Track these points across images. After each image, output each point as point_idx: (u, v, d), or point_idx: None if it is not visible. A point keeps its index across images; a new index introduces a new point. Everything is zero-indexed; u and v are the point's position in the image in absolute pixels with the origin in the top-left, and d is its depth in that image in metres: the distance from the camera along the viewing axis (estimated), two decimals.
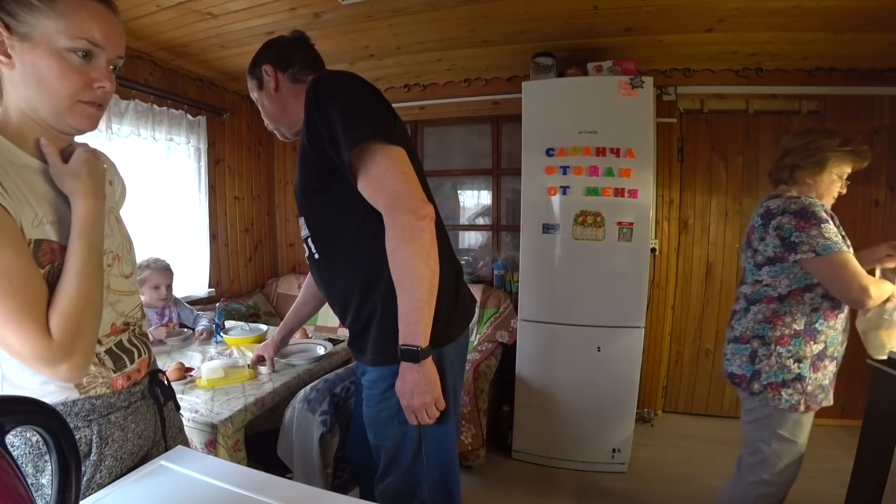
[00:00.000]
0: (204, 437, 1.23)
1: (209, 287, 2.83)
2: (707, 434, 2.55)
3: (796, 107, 2.53)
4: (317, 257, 1.02)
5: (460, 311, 1.02)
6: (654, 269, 2.71)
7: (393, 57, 2.49)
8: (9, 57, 0.61)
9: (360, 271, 0.95)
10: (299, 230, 1.08)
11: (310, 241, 1.02)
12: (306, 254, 1.06)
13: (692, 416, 2.78)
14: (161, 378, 0.86)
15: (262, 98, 1.10)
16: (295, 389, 1.49)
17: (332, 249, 0.99)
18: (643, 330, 2.14)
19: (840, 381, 1.41)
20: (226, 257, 3.04)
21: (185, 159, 2.63)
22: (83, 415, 0.67)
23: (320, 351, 1.72)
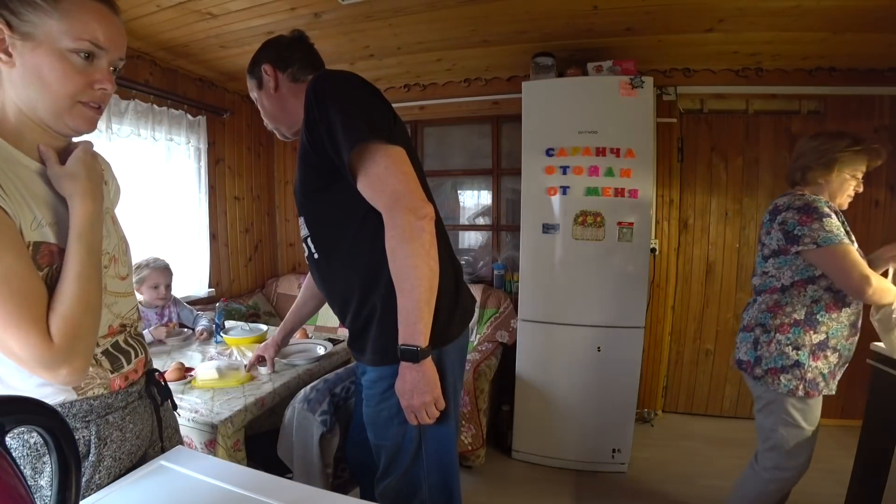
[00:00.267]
0: (204, 437, 1.22)
1: (209, 287, 2.83)
2: (707, 434, 2.54)
3: (796, 107, 2.53)
4: (316, 257, 1.02)
5: (460, 310, 1.02)
6: (654, 269, 2.71)
7: (393, 57, 2.49)
8: (9, 55, 0.60)
9: (360, 271, 0.95)
10: (299, 230, 1.08)
11: (309, 240, 1.02)
12: (306, 254, 1.05)
13: (692, 416, 2.78)
14: (157, 378, 0.86)
15: (261, 98, 1.09)
16: (295, 389, 1.49)
17: (331, 249, 0.99)
18: (643, 330, 2.14)
19: (841, 381, 1.42)
20: (226, 257, 3.04)
21: (185, 159, 2.63)
22: (81, 416, 0.67)
23: (320, 351, 1.72)
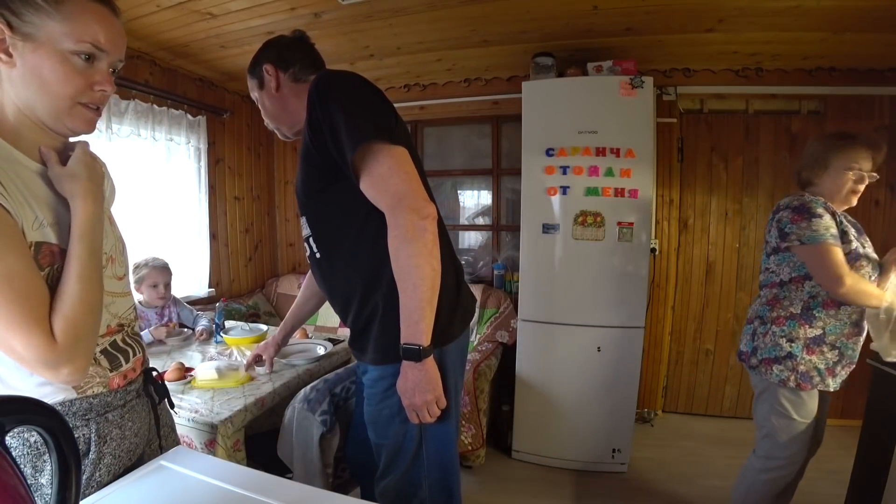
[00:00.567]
0: (204, 437, 1.22)
1: (209, 287, 2.83)
2: (707, 434, 2.54)
3: (796, 107, 2.53)
4: (318, 256, 1.02)
5: (461, 310, 1.02)
6: (654, 269, 2.71)
7: (393, 57, 2.49)
8: (10, 56, 0.60)
9: (362, 270, 0.96)
10: (299, 230, 1.08)
11: (311, 240, 1.02)
12: (307, 253, 1.06)
13: (692, 416, 2.78)
14: (154, 376, 0.86)
15: (262, 98, 1.10)
16: (295, 389, 1.49)
17: (333, 249, 0.99)
18: (643, 330, 2.14)
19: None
20: (226, 257, 3.04)
21: (185, 159, 2.63)
22: (81, 414, 0.67)
23: (320, 351, 1.72)
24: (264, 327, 1.91)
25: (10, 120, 0.64)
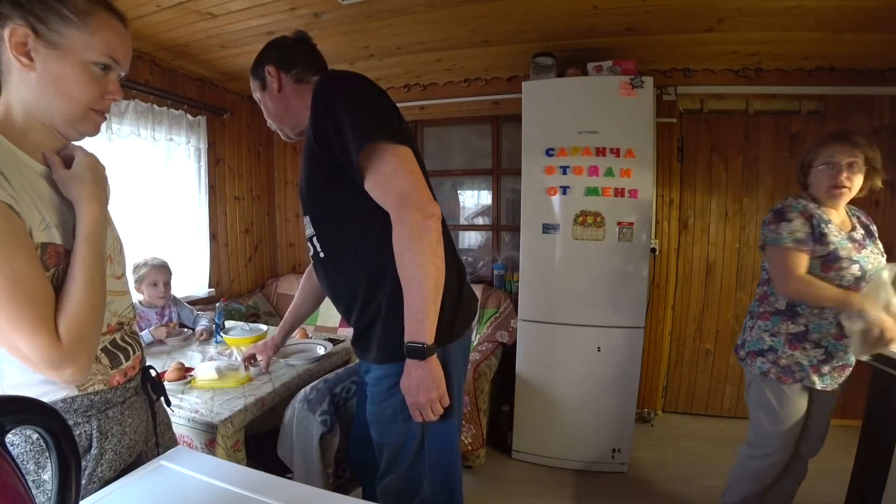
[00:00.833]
0: (204, 437, 1.23)
1: (209, 287, 2.83)
2: (707, 434, 2.54)
3: (796, 107, 2.53)
4: (322, 256, 1.02)
5: (464, 309, 1.03)
6: (654, 269, 2.71)
7: (393, 57, 2.49)
8: (31, 60, 0.63)
9: (366, 270, 0.96)
10: (299, 230, 1.08)
11: (315, 239, 1.02)
12: (311, 252, 1.06)
13: (692, 416, 2.78)
14: (152, 374, 0.88)
15: (265, 98, 1.10)
16: (295, 389, 1.49)
17: (337, 248, 1.00)
18: (643, 330, 2.14)
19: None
20: (226, 257, 3.04)
21: (185, 159, 2.63)
22: (82, 411, 0.68)
23: (320, 351, 1.72)
24: (264, 327, 1.91)
25: (18, 122, 0.65)
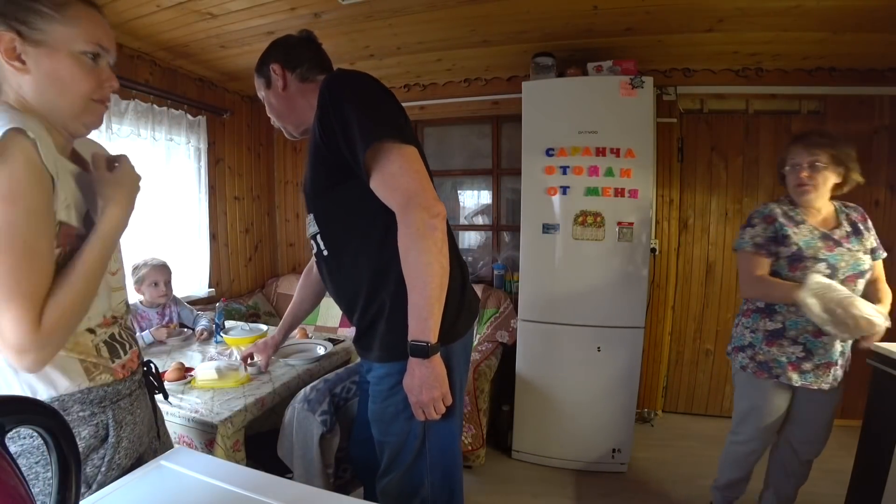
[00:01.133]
0: (204, 437, 1.23)
1: (209, 287, 2.83)
2: (707, 434, 2.54)
3: (796, 107, 2.53)
4: (325, 254, 1.02)
5: (466, 309, 1.03)
6: (654, 269, 2.71)
7: (393, 57, 2.49)
8: (23, 62, 0.64)
9: (369, 268, 0.96)
10: (299, 230, 1.08)
11: (318, 237, 1.02)
12: (314, 250, 1.06)
13: (692, 416, 2.78)
14: (152, 370, 0.89)
15: (269, 96, 1.10)
16: (295, 389, 1.49)
17: (341, 247, 1.00)
18: (643, 330, 2.14)
19: (840, 381, 1.42)
20: (226, 257, 3.04)
21: (185, 159, 2.63)
22: (97, 402, 0.71)
23: (320, 351, 1.72)
24: (264, 327, 1.91)
25: None
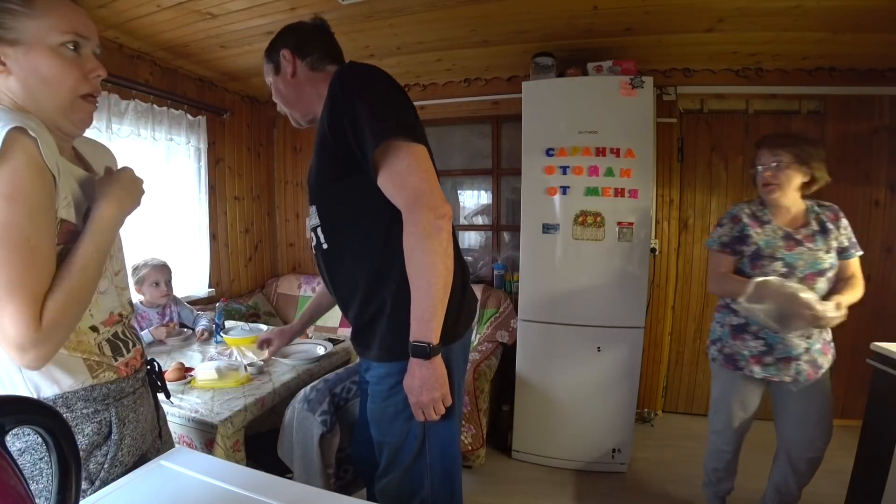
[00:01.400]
0: (204, 437, 1.23)
1: (209, 287, 2.83)
2: (707, 434, 2.54)
3: (796, 107, 2.53)
4: (325, 247, 1.01)
5: (466, 310, 1.03)
6: (654, 269, 2.71)
7: (393, 57, 2.49)
8: (3, 64, 0.62)
9: (370, 265, 0.95)
10: (300, 230, 1.08)
11: (319, 230, 1.01)
12: (313, 243, 1.04)
13: (692, 416, 2.78)
14: (155, 369, 0.90)
15: (277, 82, 1.08)
16: (295, 389, 1.49)
17: (342, 240, 0.99)
18: (643, 330, 2.14)
19: (840, 381, 1.42)
20: (226, 257, 3.04)
21: (185, 159, 2.63)
22: (101, 399, 0.71)
23: (320, 351, 1.72)
24: (264, 327, 1.91)
25: None
